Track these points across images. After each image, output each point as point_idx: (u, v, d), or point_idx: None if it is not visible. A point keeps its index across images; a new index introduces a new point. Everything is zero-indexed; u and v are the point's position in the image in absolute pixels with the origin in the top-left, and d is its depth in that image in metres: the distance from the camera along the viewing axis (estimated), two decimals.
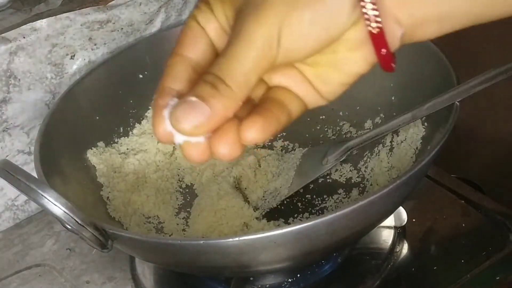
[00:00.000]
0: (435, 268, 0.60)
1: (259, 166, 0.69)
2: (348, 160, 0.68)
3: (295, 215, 0.64)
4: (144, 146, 0.70)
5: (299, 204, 0.66)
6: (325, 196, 0.66)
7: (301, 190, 0.67)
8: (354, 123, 0.71)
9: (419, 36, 0.39)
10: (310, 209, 0.65)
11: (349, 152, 0.64)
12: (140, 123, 0.72)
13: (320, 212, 0.65)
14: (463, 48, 0.73)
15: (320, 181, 0.68)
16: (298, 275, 0.60)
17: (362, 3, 0.35)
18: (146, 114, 0.73)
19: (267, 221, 0.63)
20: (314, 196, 0.66)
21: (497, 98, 0.72)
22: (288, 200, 0.66)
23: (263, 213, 0.64)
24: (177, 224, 0.66)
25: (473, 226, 0.64)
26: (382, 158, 0.65)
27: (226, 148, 0.34)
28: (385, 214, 0.55)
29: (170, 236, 0.64)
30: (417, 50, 0.63)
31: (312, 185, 0.67)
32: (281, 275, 0.60)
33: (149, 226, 0.65)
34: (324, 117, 0.73)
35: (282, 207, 0.66)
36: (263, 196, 0.67)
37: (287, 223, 0.63)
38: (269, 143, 0.74)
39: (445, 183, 0.68)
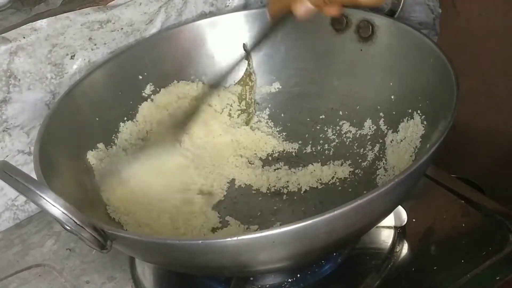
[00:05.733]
0: (435, 268, 0.60)
1: None
2: (348, 158, 0.68)
3: None
4: None
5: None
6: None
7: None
8: (354, 122, 0.71)
9: None
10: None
11: None
12: None
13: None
14: (463, 48, 0.73)
15: (320, 183, 0.68)
16: (298, 275, 0.60)
17: None
18: None
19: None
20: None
21: (497, 98, 0.72)
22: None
23: None
24: None
25: (473, 226, 0.63)
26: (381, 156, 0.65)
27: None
28: (384, 213, 0.55)
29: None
30: (416, 50, 0.63)
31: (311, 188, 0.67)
32: (281, 275, 0.60)
33: None
34: (324, 117, 0.73)
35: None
36: None
37: None
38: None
39: (445, 183, 0.68)
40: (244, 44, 0.75)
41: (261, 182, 0.69)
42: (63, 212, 0.46)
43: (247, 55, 0.75)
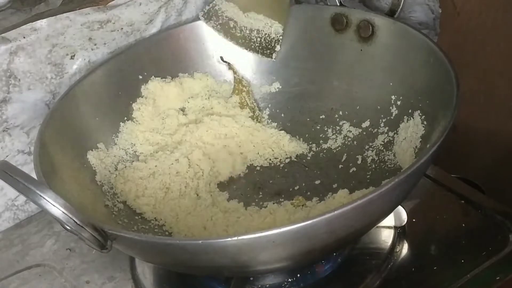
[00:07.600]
0: (435, 268, 0.60)
1: None
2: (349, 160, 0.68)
3: None
4: None
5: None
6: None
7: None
8: (354, 122, 0.71)
9: None
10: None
11: None
12: None
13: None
14: (463, 48, 0.73)
15: (319, 183, 0.68)
16: (298, 275, 0.60)
17: None
18: None
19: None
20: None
21: (497, 98, 0.72)
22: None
23: None
24: None
25: (473, 226, 0.63)
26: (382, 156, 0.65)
27: None
28: (384, 213, 0.55)
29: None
30: (416, 50, 0.63)
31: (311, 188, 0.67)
32: (281, 275, 0.60)
33: None
34: (324, 117, 0.73)
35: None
36: None
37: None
38: None
39: (445, 183, 0.68)
40: (221, 57, 0.75)
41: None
42: (63, 212, 0.46)
43: (228, 65, 0.75)
